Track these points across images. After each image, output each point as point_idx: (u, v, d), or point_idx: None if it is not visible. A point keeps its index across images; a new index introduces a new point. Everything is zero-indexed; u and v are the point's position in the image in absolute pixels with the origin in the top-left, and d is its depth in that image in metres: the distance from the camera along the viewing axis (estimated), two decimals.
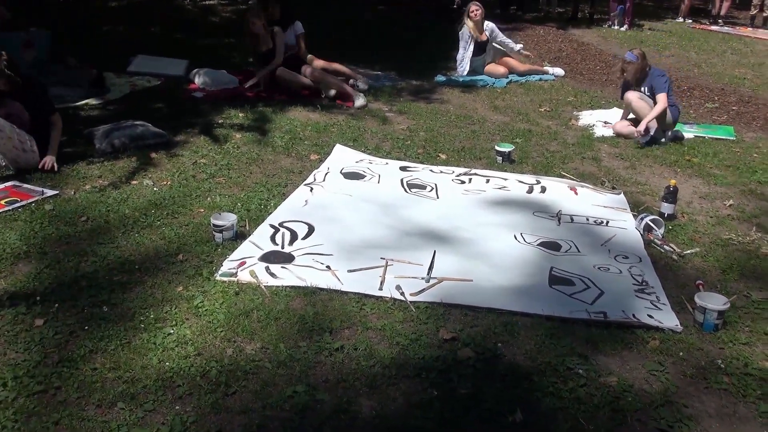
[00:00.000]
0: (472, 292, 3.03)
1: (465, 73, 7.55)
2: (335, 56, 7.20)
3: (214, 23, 10.25)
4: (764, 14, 12.49)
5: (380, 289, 3.02)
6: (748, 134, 6.17)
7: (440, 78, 7.57)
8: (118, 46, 8.04)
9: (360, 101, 6.09)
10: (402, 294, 2.97)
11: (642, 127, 5.40)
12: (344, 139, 5.20)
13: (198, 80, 6.59)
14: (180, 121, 5.33)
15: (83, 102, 5.80)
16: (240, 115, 5.67)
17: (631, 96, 5.67)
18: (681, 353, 2.66)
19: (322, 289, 2.99)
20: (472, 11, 7.50)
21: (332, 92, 6.22)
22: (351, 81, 6.77)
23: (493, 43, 7.69)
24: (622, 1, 11.10)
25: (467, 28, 7.46)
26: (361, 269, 3.19)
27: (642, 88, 5.70)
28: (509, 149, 4.97)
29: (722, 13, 12.64)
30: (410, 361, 2.53)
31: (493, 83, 7.45)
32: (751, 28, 12.21)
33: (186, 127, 5.26)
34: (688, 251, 3.62)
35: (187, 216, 3.72)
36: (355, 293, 2.98)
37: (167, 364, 2.44)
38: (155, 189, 4.05)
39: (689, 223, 4.04)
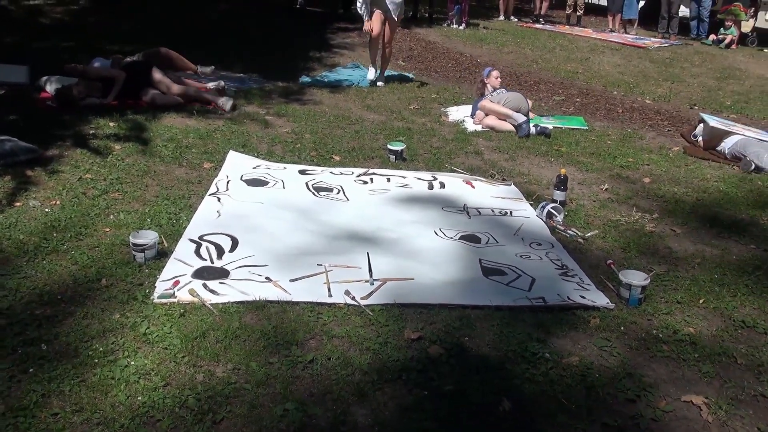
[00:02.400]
0: (419, 291, 3.10)
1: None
2: (190, 60, 6.95)
3: (45, 25, 9.41)
4: (578, 13, 13.70)
5: (330, 296, 2.99)
6: (596, 123, 6.79)
7: (305, 79, 7.55)
8: None
9: (228, 104, 5.91)
10: (353, 299, 2.97)
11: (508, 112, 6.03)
12: (232, 145, 5.04)
13: (50, 88, 6.04)
14: (46, 133, 4.87)
15: None
16: (111, 124, 5.29)
17: (485, 102, 6.23)
18: (622, 328, 2.91)
19: (271, 302, 2.91)
20: None
21: (229, 104, 5.96)
22: (210, 84, 6.54)
23: None
24: (458, 1, 11.67)
25: None
26: (303, 277, 3.14)
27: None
28: (401, 147, 5.09)
29: (542, 12, 13.70)
30: (386, 364, 2.55)
31: (358, 82, 7.55)
32: (568, 26, 13.37)
33: (55, 140, 4.82)
34: (589, 234, 3.95)
35: (93, 237, 3.43)
36: (306, 302, 2.92)
37: (138, 398, 2.27)
38: (46, 210, 3.69)
39: (579, 208, 4.39)
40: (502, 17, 13.41)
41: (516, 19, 13.39)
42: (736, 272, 3.57)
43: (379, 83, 7.47)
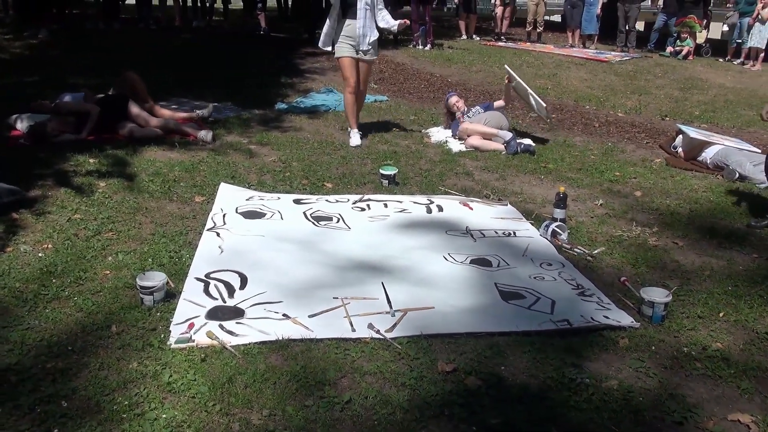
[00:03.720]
0: (442, 320, 3.02)
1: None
2: (159, 93, 6.79)
3: (4, 60, 9.12)
4: (537, 30, 13.93)
5: (353, 330, 2.90)
6: (576, 138, 6.85)
7: (281, 105, 7.46)
8: None
9: (208, 136, 5.78)
10: (378, 332, 2.88)
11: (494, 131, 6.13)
12: (220, 177, 4.92)
13: (20, 125, 5.83)
14: (24, 173, 4.67)
15: None
16: (91, 160, 5.11)
17: (466, 125, 6.31)
18: (652, 347, 2.88)
19: (294, 340, 2.79)
20: None
21: (209, 136, 5.82)
22: (197, 113, 6.42)
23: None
24: (423, 22, 11.74)
25: None
26: (321, 312, 3.04)
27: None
28: (393, 172, 5.03)
29: (503, 30, 13.89)
30: (426, 400, 2.46)
31: (335, 107, 7.49)
32: (529, 43, 13.56)
33: (36, 179, 4.62)
34: (596, 251, 3.93)
35: (94, 281, 3.28)
36: (330, 339, 2.82)
37: None
38: (39, 255, 3.51)
39: (579, 225, 4.38)
40: (464, 37, 13.53)
41: (478, 38, 13.53)
42: (747, 283, 3.58)
43: (355, 141, 6.01)
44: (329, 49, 5.95)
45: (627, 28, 12.95)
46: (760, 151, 6.06)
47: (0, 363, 2.60)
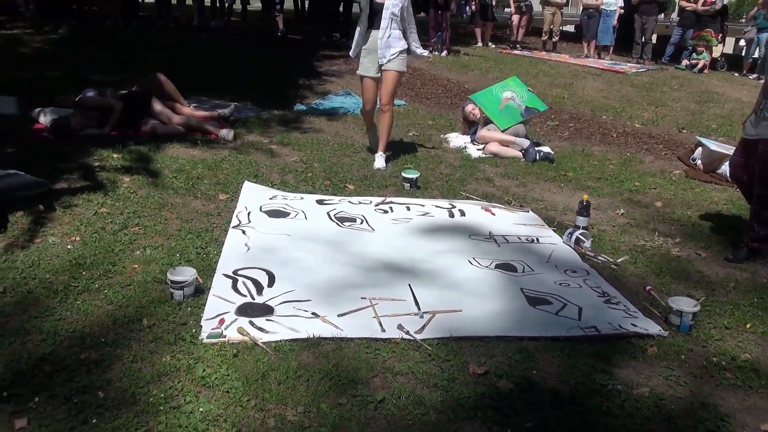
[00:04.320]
0: (470, 323, 3.03)
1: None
2: (180, 92, 6.82)
3: (25, 54, 9.18)
4: (553, 40, 13.94)
5: (383, 330, 2.91)
6: (594, 148, 6.85)
7: (300, 107, 7.49)
8: None
9: (230, 135, 5.81)
10: (407, 333, 2.89)
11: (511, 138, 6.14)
12: (243, 175, 4.94)
13: (44, 119, 5.87)
14: (49, 166, 4.70)
15: None
16: (115, 155, 5.14)
17: (483, 132, 6.32)
18: (682, 356, 2.88)
19: (325, 339, 2.80)
20: None
21: (231, 135, 5.85)
22: (218, 112, 6.45)
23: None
24: (440, 29, 11.77)
25: None
26: (350, 312, 3.05)
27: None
28: (416, 175, 5.05)
29: (519, 38, 13.91)
30: (459, 402, 2.47)
31: (354, 110, 7.51)
32: (545, 52, 13.58)
33: (61, 173, 4.65)
34: (620, 259, 3.93)
35: (123, 275, 3.29)
36: (360, 338, 2.83)
37: None
38: (68, 247, 3.54)
39: (601, 233, 4.38)
40: (480, 44, 13.56)
41: (494, 46, 13.55)
42: None
43: (379, 164, 5.48)
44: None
45: (643, 40, 12.94)
46: None
47: (34, 353, 2.61)
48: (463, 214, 4.54)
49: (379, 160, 5.49)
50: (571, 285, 3.52)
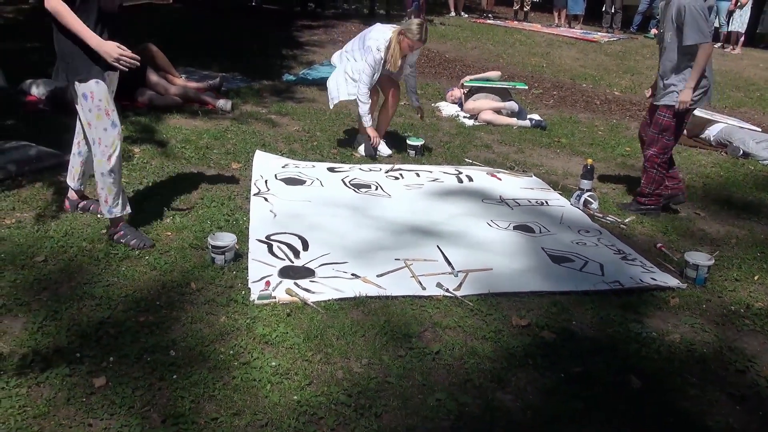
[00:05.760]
0: (503, 280, 3.18)
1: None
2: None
3: (0, 25, 8.94)
4: (524, 9, 14.09)
5: (423, 288, 3.04)
6: (580, 115, 7.05)
7: (289, 77, 7.49)
8: None
9: (227, 105, 5.82)
10: (447, 291, 3.02)
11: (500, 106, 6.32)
12: (249, 145, 4.99)
13: (36, 91, 5.78)
14: (53, 139, 4.65)
15: None
16: None
17: (470, 104, 6.47)
18: (703, 305, 3.09)
19: (370, 297, 2.93)
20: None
21: (228, 105, 5.84)
22: (209, 83, 6.43)
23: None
24: None
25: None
26: (388, 272, 3.18)
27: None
28: (420, 143, 5.16)
29: (488, 8, 14.02)
30: (509, 351, 2.63)
31: None
32: (516, 22, 13.72)
33: (67, 145, 4.61)
34: (628, 219, 4.13)
35: (159, 242, 3.35)
36: (403, 296, 2.96)
37: (294, 398, 2.26)
38: (98, 216, 3.56)
39: (604, 196, 4.58)
40: (453, 13, 13.63)
41: (466, 15, 13.64)
42: None
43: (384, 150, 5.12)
44: None
45: (613, 9, 13.16)
46: (760, 129, 6.33)
47: (93, 317, 2.67)
48: (471, 179, 4.68)
49: (383, 148, 5.10)
50: (588, 244, 3.70)
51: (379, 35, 4.71)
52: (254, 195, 4.00)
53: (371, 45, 4.66)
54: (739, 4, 12.13)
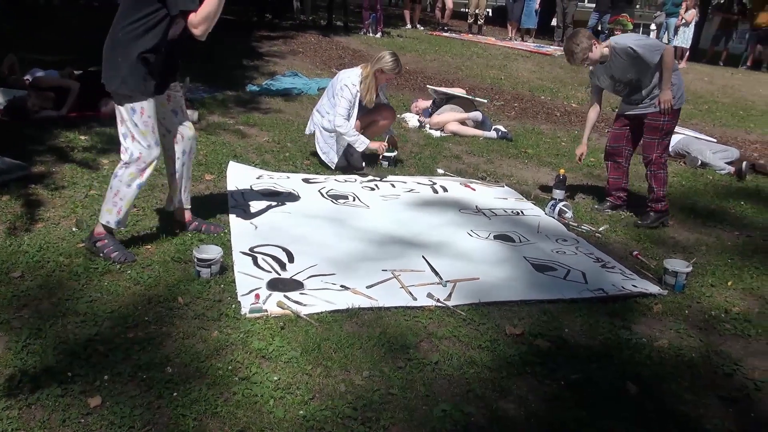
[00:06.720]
0: (491, 289, 3.20)
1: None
2: None
3: None
4: (478, 23, 14.31)
5: (414, 299, 3.03)
6: (542, 126, 7.19)
7: (253, 87, 7.43)
8: None
9: (194, 115, 5.73)
10: (438, 301, 3.03)
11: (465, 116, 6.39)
12: (222, 156, 4.92)
13: None
14: (16, 150, 4.50)
15: None
16: (82, 137, 4.98)
17: (435, 119, 6.51)
18: (685, 311, 3.17)
19: (363, 309, 2.91)
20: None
21: (195, 116, 5.73)
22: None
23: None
24: (374, 10, 11.85)
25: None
26: (378, 283, 3.16)
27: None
28: (393, 153, 5.17)
29: (445, 21, 14.20)
30: (507, 360, 2.64)
31: (306, 91, 7.53)
32: (471, 35, 13.92)
33: (31, 156, 4.48)
34: (602, 228, 4.22)
35: (139, 256, 3.26)
36: (396, 307, 2.95)
37: (300, 412, 2.22)
38: (74, 230, 3.45)
39: (576, 205, 4.66)
40: (409, 26, 13.74)
41: (422, 28, 13.77)
42: (740, 256, 3.95)
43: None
44: None
45: (564, 23, 13.49)
46: (715, 140, 6.56)
47: (80, 334, 2.58)
48: (445, 189, 4.71)
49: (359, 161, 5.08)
50: (567, 252, 3.76)
51: (349, 74, 4.78)
52: (232, 207, 3.93)
53: (345, 83, 4.70)
54: (684, 21, 12.59)
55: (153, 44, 2.92)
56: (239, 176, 4.46)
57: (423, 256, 3.49)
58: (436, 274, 3.30)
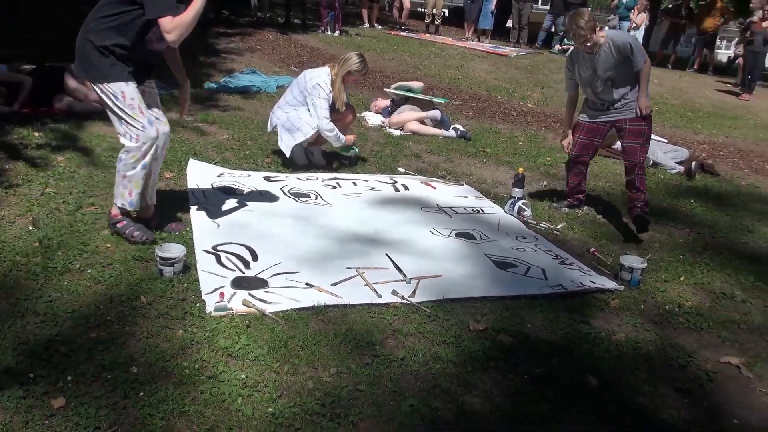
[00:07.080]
0: (454, 286, 3.25)
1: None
2: None
3: None
4: (435, 23, 14.42)
5: (379, 296, 3.06)
6: (500, 126, 7.30)
7: (211, 85, 7.36)
8: None
9: None
10: (402, 298, 3.06)
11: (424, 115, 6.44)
12: (181, 153, 4.87)
13: None
14: None
15: None
16: (36, 134, 4.87)
17: (395, 118, 6.56)
18: (640, 306, 3.27)
19: (328, 307, 2.92)
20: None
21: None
22: None
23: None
24: (332, 8, 11.83)
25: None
26: (342, 281, 3.18)
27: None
28: (354, 152, 5.18)
29: (403, 20, 14.27)
30: (471, 355, 2.69)
31: (265, 89, 7.49)
32: (428, 34, 14.01)
33: None
34: (559, 226, 4.31)
35: (99, 254, 3.21)
36: (361, 305, 2.98)
37: (268, 410, 2.23)
38: (29, 228, 3.38)
39: (534, 203, 4.75)
40: (367, 25, 13.75)
41: (380, 27, 13.80)
42: (690, 253, 4.09)
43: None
44: None
45: (519, 25, 13.69)
46: (666, 141, 6.76)
47: (40, 335, 2.53)
48: (407, 188, 4.75)
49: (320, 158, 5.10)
50: (527, 250, 3.84)
51: (319, 73, 4.79)
52: (193, 205, 3.90)
53: (318, 83, 4.71)
54: (634, 25, 12.92)
55: (124, 41, 2.93)
56: (200, 174, 4.42)
57: (386, 254, 3.52)
58: (400, 271, 3.34)
